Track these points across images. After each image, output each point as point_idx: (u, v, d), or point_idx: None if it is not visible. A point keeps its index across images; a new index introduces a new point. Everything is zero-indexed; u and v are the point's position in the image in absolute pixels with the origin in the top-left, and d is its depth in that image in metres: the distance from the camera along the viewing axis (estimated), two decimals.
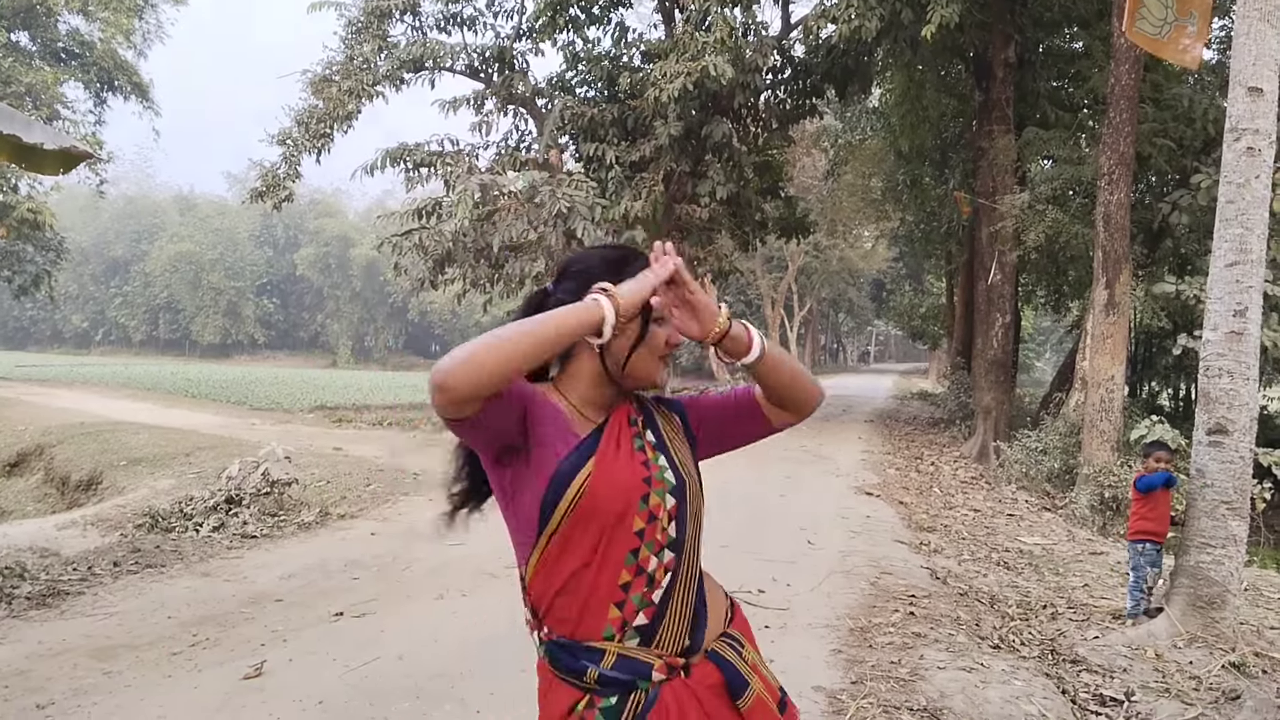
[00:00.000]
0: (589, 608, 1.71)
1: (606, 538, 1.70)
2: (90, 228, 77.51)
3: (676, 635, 1.76)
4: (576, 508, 1.68)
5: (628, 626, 1.72)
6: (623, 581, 1.71)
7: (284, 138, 18.86)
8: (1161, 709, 4.44)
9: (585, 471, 1.70)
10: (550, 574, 1.73)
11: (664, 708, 1.70)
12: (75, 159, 5.65)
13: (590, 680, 1.71)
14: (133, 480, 11.54)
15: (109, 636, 5.03)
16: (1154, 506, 6.05)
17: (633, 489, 1.73)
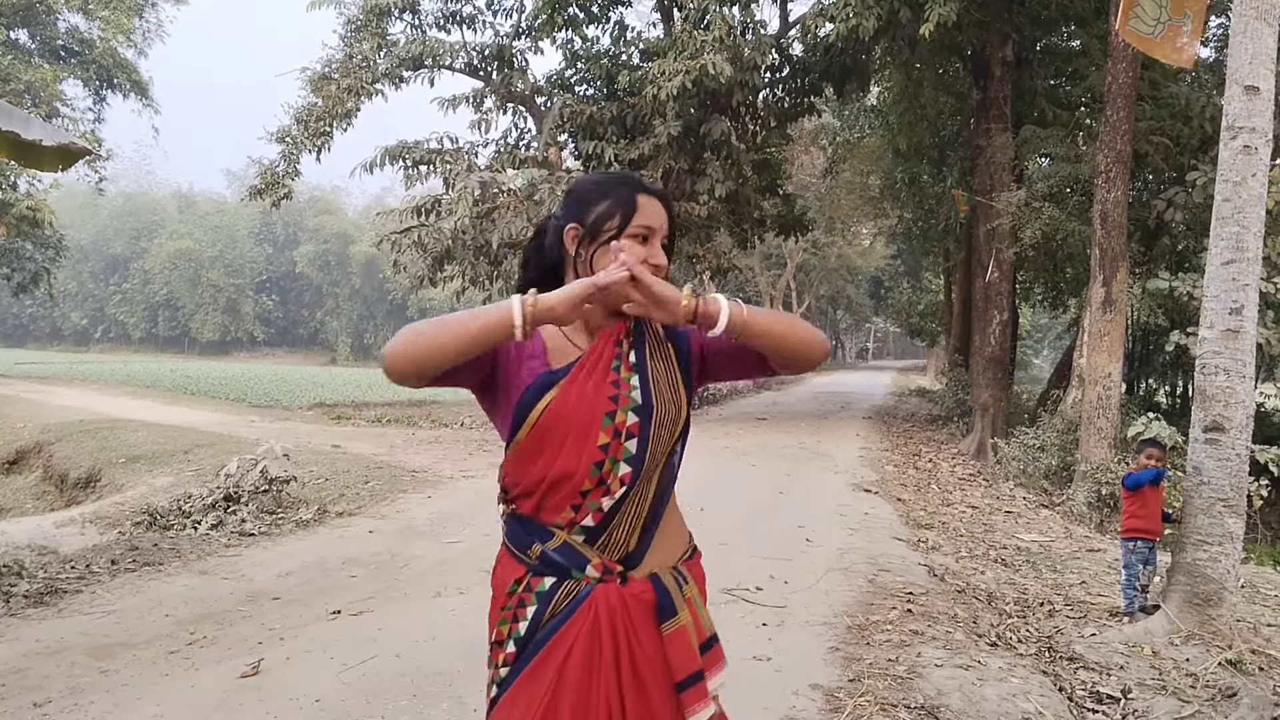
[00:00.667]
0: (549, 500, 1.86)
1: (571, 448, 1.83)
2: (89, 225, 77.49)
3: (620, 544, 1.89)
4: (537, 425, 1.83)
5: (575, 525, 1.85)
6: (584, 489, 1.84)
7: (283, 135, 18.83)
8: (1158, 706, 4.45)
9: (547, 398, 1.84)
10: (521, 469, 1.88)
11: (592, 604, 1.83)
12: (74, 156, 5.65)
13: (533, 556, 1.87)
14: (131, 478, 11.53)
15: (106, 635, 5.03)
16: (1144, 504, 6.07)
17: (596, 407, 1.85)
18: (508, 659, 1.85)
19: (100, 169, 28.95)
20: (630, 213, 1.91)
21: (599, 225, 1.91)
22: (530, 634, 1.84)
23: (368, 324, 79.98)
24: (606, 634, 1.82)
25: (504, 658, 1.86)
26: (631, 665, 1.83)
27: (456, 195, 16.69)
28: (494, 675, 1.88)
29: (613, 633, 1.82)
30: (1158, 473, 6.05)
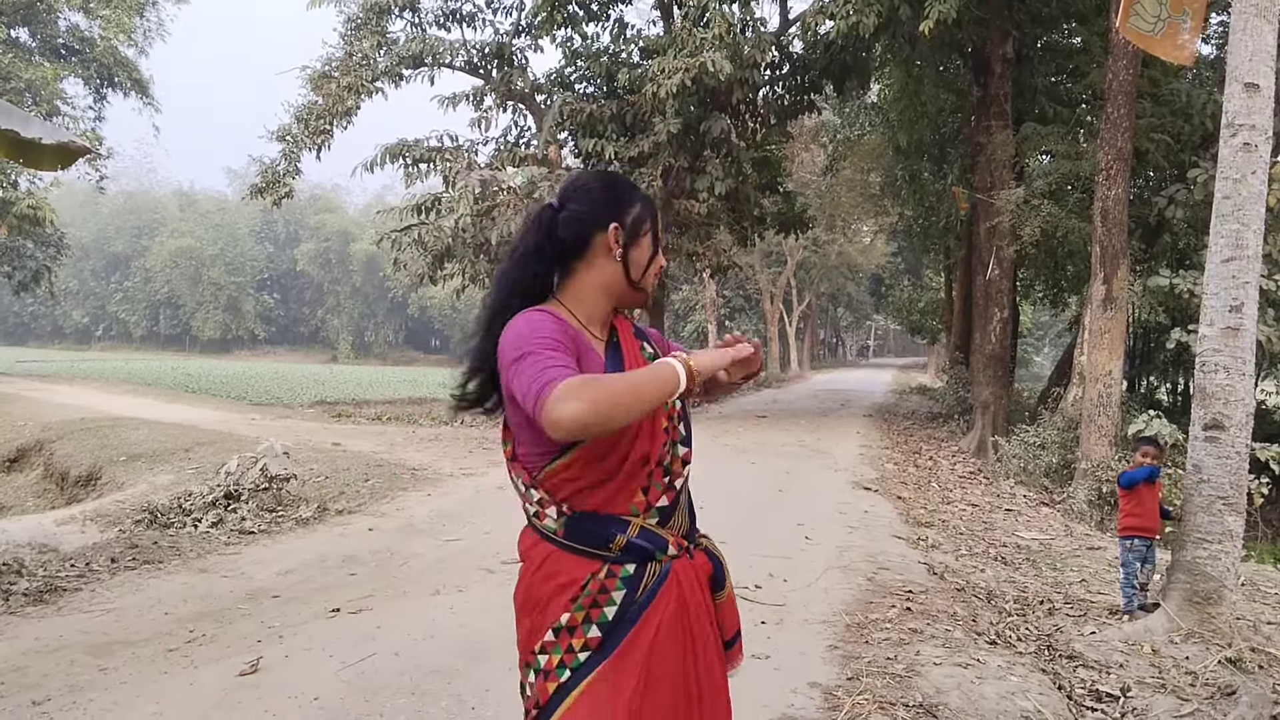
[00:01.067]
0: (621, 491, 1.93)
1: (646, 431, 1.94)
2: (90, 223, 77.57)
3: (683, 521, 2.06)
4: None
5: (650, 507, 1.97)
6: (649, 471, 1.96)
7: (284, 134, 18.85)
8: (1157, 704, 4.45)
9: None
10: (586, 468, 1.91)
11: (675, 580, 1.97)
12: (73, 154, 5.65)
13: (616, 547, 1.92)
14: (132, 476, 11.54)
15: (106, 633, 5.03)
16: (1140, 502, 6.07)
17: None
18: (589, 644, 1.89)
19: (101, 167, 28.99)
20: (656, 217, 2.10)
21: (638, 229, 2.05)
22: (620, 617, 1.90)
23: (368, 322, 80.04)
24: (688, 605, 1.98)
25: (584, 643, 1.89)
26: (703, 635, 2.01)
27: (457, 193, 16.71)
28: (561, 660, 1.89)
29: (690, 603, 1.99)
30: (1151, 471, 6.04)
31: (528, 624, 1.98)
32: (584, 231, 2.01)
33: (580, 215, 2.01)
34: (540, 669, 1.90)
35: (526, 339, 1.81)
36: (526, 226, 2.08)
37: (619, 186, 2.09)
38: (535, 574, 1.97)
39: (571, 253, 2.03)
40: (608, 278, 2.03)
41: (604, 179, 2.11)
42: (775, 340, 48.27)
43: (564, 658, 1.89)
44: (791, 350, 51.89)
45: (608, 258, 2.02)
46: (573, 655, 1.89)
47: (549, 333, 1.83)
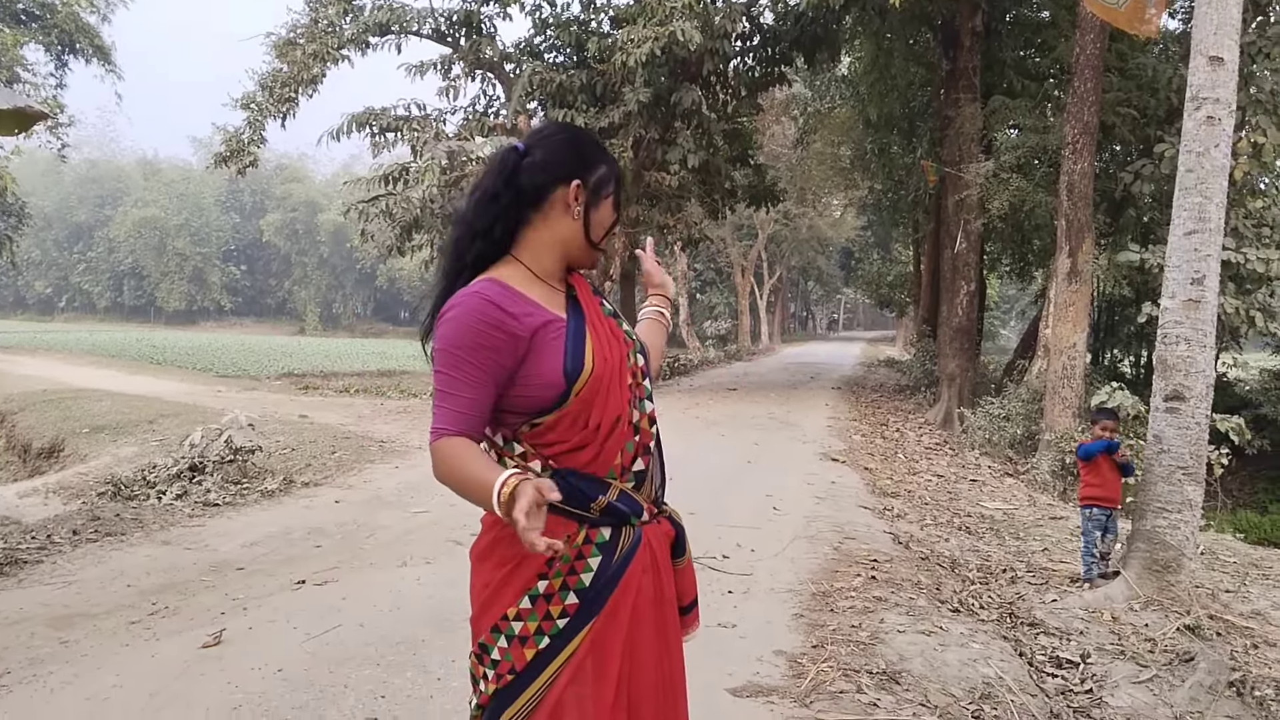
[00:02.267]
0: (605, 450, 1.92)
1: (617, 390, 1.93)
2: (52, 193, 76.41)
3: (653, 485, 2.03)
4: (594, 375, 1.89)
5: (627, 470, 1.95)
6: (622, 431, 1.94)
7: (248, 102, 18.56)
8: (1117, 670, 4.51)
9: (590, 346, 1.91)
10: (574, 425, 1.89)
11: (647, 545, 1.97)
12: (30, 119, 5.55)
13: (598, 508, 1.90)
14: (95, 448, 11.43)
15: (67, 605, 4.99)
16: (1099, 473, 6.12)
17: (620, 350, 1.98)
18: (567, 610, 1.88)
19: (62, 135, 28.46)
20: (618, 179, 2.06)
21: (601, 189, 2.02)
22: (596, 582, 1.90)
23: (336, 293, 79.48)
24: (660, 569, 2.01)
25: (561, 609, 1.88)
26: (670, 597, 2.04)
27: (424, 164, 16.58)
28: (539, 627, 1.88)
29: (662, 567, 2.01)
30: (1109, 444, 6.10)
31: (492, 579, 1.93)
32: (545, 182, 1.96)
33: (544, 164, 1.96)
34: (516, 635, 1.88)
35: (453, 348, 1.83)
36: (489, 167, 2.03)
37: (586, 143, 2.04)
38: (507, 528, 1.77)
39: (528, 202, 1.97)
40: (564, 235, 1.98)
41: (572, 132, 2.07)
42: (746, 313, 48.34)
43: (542, 624, 1.87)
44: (762, 323, 51.98)
45: (564, 214, 1.97)
46: (551, 622, 1.87)
47: (481, 339, 1.82)
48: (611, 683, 1.87)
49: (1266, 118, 10.70)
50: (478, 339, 1.82)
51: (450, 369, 1.83)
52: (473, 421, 1.85)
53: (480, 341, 1.82)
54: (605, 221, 2.04)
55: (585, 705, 1.85)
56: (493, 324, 1.82)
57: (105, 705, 3.72)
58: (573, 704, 1.85)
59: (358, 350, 40.07)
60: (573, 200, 1.96)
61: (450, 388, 1.83)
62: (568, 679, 1.85)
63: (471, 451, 1.82)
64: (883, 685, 4.13)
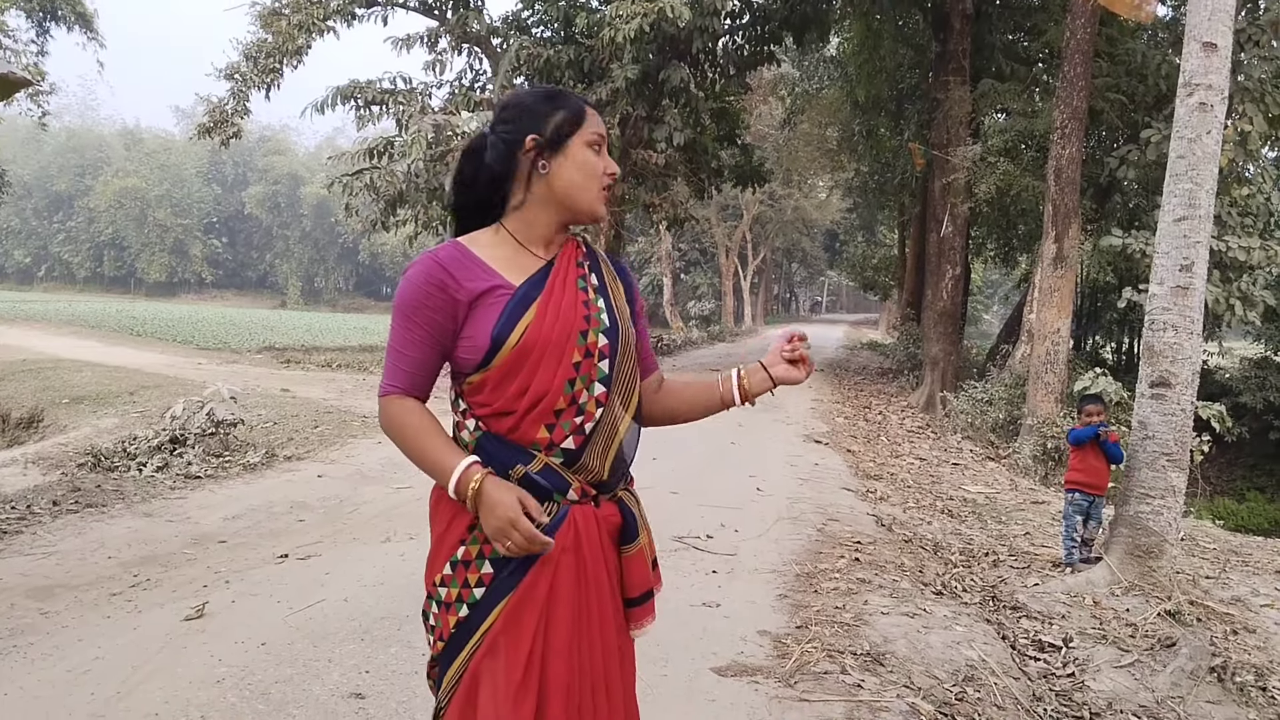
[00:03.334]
0: (525, 421, 1.88)
1: (548, 366, 1.87)
2: (32, 161, 75.61)
3: (596, 468, 1.94)
4: (517, 347, 1.85)
5: (554, 446, 1.89)
6: (557, 408, 1.88)
7: (232, 72, 18.36)
8: (1098, 655, 4.53)
9: (525, 319, 1.87)
10: (496, 391, 1.89)
11: (571, 524, 1.90)
12: (13, 86, 5.50)
13: (515, 477, 1.88)
14: (75, 419, 11.35)
15: (47, 576, 4.95)
16: (1085, 458, 6.16)
17: (573, 324, 1.91)
18: (483, 579, 1.88)
19: (43, 103, 28.08)
20: (582, 120, 1.97)
21: (560, 134, 1.95)
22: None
23: (318, 267, 79.06)
24: (585, 551, 1.91)
25: (478, 578, 1.88)
26: (597, 582, 1.94)
27: (410, 138, 16.44)
28: (458, 594, 1.89)
29: (587, 550, 1.92)
30: (1097, 430, 6.11)
31: (432, 539, 1.99)
32: (508, 150, 1.95)
33: (504, 134, 1.96)
34: (442, 600, 1.91)
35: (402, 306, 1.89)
36: (462, 156, 2.05)
37: (541, 98, 1.99)
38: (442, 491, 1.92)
39: (502, 176, 1.97)
40: (541, 194, 1.96)
41: (531, 93, 2.02)
42: (730, 294, 48.37)
43: (461, 592, 1.89)
44: (745, 304, 52.01)
45: (536, 174, 1.95)
46: (469, 590, 1.88)
47: (419, 299, 1.87)
48: (521, 662, 1.84)
49: (1254, 105, 10.72)
50: (422, 299, 1.87)
51: (399, 327, 1.90)
52: (418, 380, 1.93)
53: (424, 302, 1.86)
54: (584, 163, 1.96)
55: (497, 680, 1.84)
56: (436, 285, 1.86)
57: (86, 677, 3.69)
58: (486, 679, 1.84)
59: (339, 325, 39.89)
60: (534, 157, 1.94)
61: (400, 345, 1.90)
62: (483, 653, 1.86)
63: (426, 422, 1.91)
64: (866, 667, 4.14)
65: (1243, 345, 21.24)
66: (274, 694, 3.60)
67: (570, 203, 1.97)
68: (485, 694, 1.83)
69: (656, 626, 2.14)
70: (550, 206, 1.97)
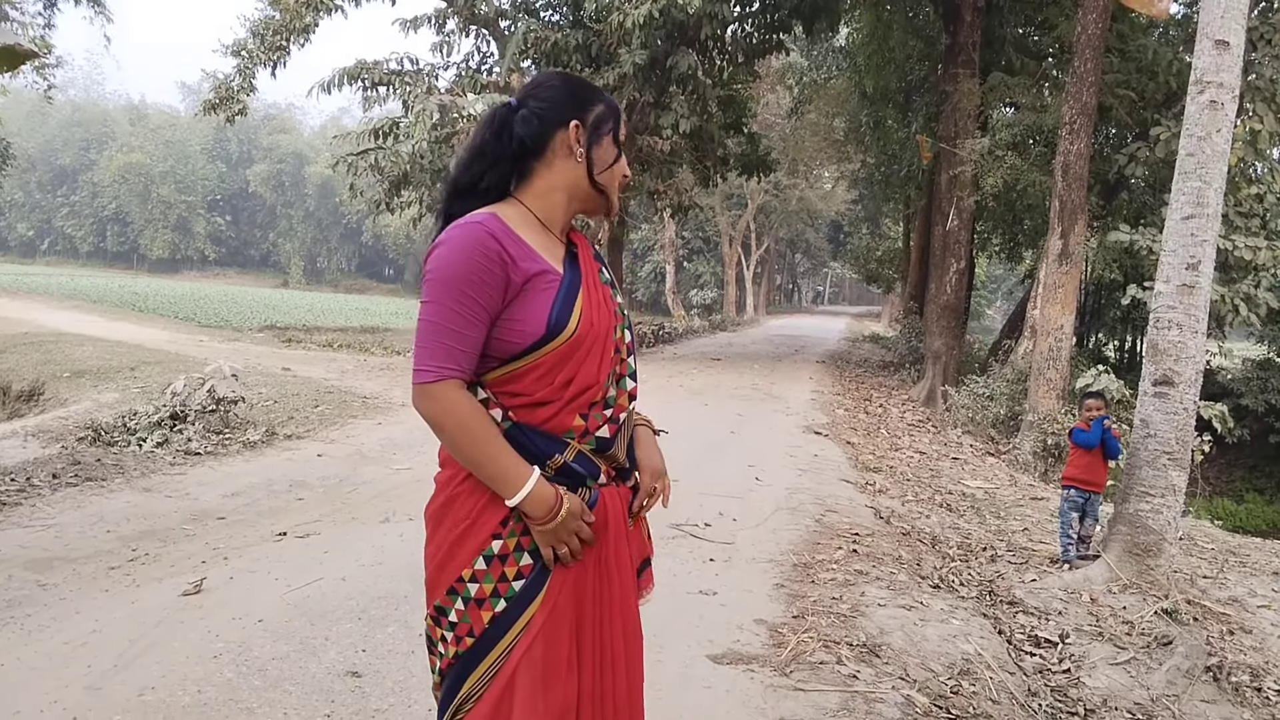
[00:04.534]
0: (562, 412, 1.87)
1: (594, 358, 1.89)
2: (37, 134, 75.63)
3: (619, 454, 1.97)
4: (575, 334, 1.84)
5: (589, 434, 1.90)
6: (594, 400, 1.90)
7: (238, 49, 18.29)
8: (1094, 652, 4.54)
9: (578, 306, 1.86)
10: (542, 379, 1.86)
11: (603, 506, 1.93)
12: (20, 57, 5.47)
13: (553, 466, 1.88)
14: (76, 392, 11.33)
15: (45, 548, 4.95)
16: (1085, 455, 6.17)
17: (610, 319, 1.94)
18: (522, 571, 1.86)
19: (49, 76, 27.98)
20: (620, 118, 2.00)
21: (600, 127, 1.96)
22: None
23: (321, 247, 79.08)
24: (613, 530, 1.95)
25: (517, 570, 1.86)
26: (620, 560, 1.98)
27: (415, 118, 16.38)
28: (495, 589, 1.85)
29: (614, 530, 1.96)
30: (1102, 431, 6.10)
31: (446, 540, 1.90)
32: (543, 129, 1.91)
33: (540, 112, 1.92)
34: (473, 597, 1.85)
35: (455, 279, 1.77)
36: (479, 125, 1.99)
37: (582, 85, 1.99)
38: (462, 484, 1.89)
39: (530, 152, 1.93)
40: (570, 179, 1.94)
41: (566, 78, 2.01)
42: (732, 283, 48.32)
43: (498, 586, 1.85)
44: (748, 294, 51.97)
45: (568, 158, 1.93)
46: (507, 584, 1.85)
47: (479, 273, 1.77)
48: (565, 643, 1.86)
49: (1265, 105, 10.68)
50: (481, 273, 1.78)
51: (451, 301, 1.77)
52: (473, 362, 1.83)
53: (481, 276, 1.77)
54: (607, 159, 1.97)
55: (536, 671, 1.83)
56: (495, 259, 1.79)
57: (83, 649, 3.70)
58: (525, 671, 1.83)
59: (341, 305, 39.93)
60: (574, 142, 1.92)
61: (450, 322, 1.78)
62: (524, 647, 1.83)
63: (489, 422, 1.84)
64: (862, 658, 4.14)
65: (1245, 346, 21.21)
66: (270, 671, 3.60)
67: (593, 193, 1.97)
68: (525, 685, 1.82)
69: (654, 613, 2.17)
70: (574, 194, 1.97)
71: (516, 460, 1.82)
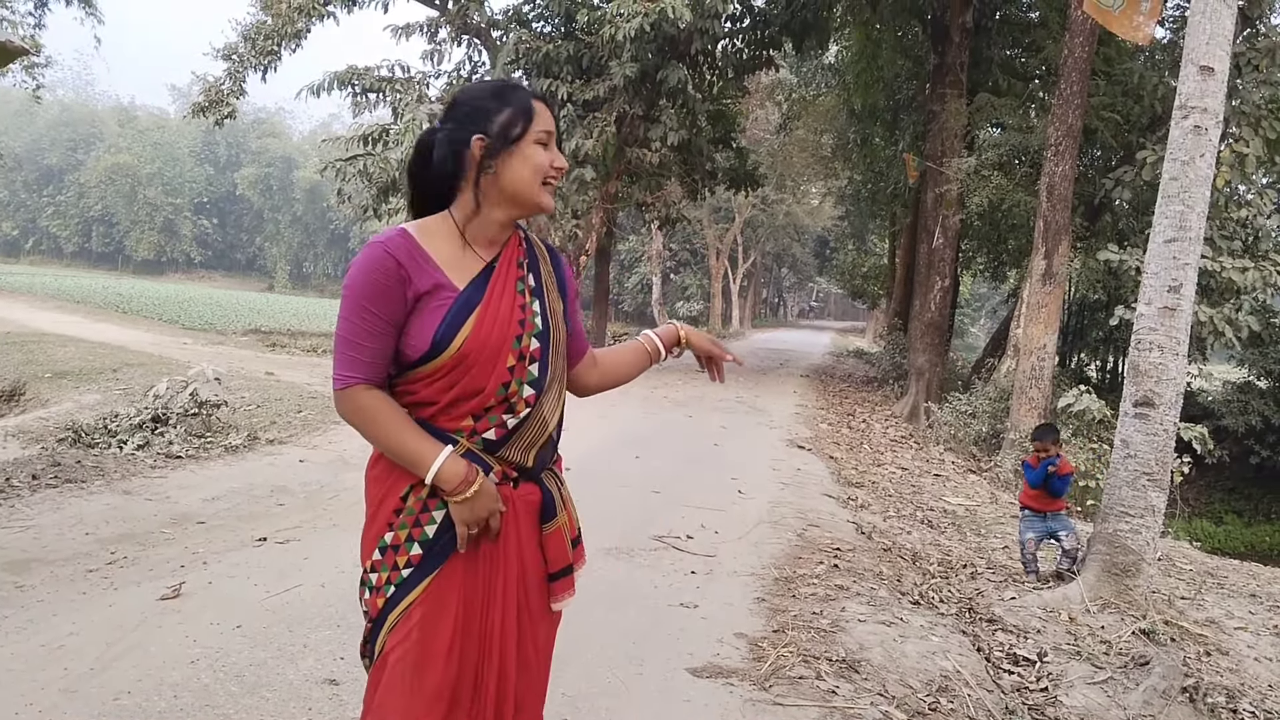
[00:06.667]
0: (451, 411, 1.96)
1: (482, 369, 1.94)
2: (24, 133, 75.31)
3: (519, 456, 2.03)
4: (459, 352, 1.91)
5: (477, 435, 1.98)
6: (487, 405, 1.97)
7: (229, 52, 18.30)
8: (1072, 670, 4.55)
9: (467, 327, 1.93)
10: (427, 386, 1.96)
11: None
12: (10, 54, 5.47)
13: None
14: (57, 393, 11.28)
15: (23, 550, 4.92)
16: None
17: (508, 330, 1.98)
18: (411, 560, 1.96)
19: (38, 75, 27.90)
20: (531, 117, 2.00)
21: (507, 133, 1.97)
22: (438, 536, 1.96)
23: (308, 252, 78.89)
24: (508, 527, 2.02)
25: (406, 560, 1.95)
26: (518, 558, 2.04)
27: (405, 125, 16.41)
28: (388, 577, 1.97)
29: (507, 529, 2.02)
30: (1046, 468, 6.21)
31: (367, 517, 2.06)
32: (453, 150, 1.98)
33: (449, 135, 1.98)
34: (373, 586, 1.98)
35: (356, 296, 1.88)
36: (413, 152, 2.09)
37: (488, 94, 2.02)
38: (373, 468, 2.06)
39: (451, 174, 2.00)
40: (488, 194, 1.99)
41: (479, 89, 2.05)
42: (718, 296, 48.39)
43: (390, 575, 1.96)
44: (733, 307, 52.04)
45: (484, 174, 1.98)
46: (397, 572, 1.96)
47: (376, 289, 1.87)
48: (447, 631, 1.94)
49: (1251, 129, 10.77)
50: (380, 290, 1.88)
51: (354, 316, 1.89)
52: (378, 369, 1.94)
53: (380, 293, 1.88)
54: (534, 160, 2.00)
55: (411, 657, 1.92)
56: (393, 276, 1.88)
57: (60, 652, 3.67)
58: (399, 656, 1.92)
59: (326, 310, 39.75)
60: (479, 156, 1.97)
61: (355, 335, 1.90)
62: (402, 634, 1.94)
63: (399, 412, 1.95)
64: (841, 673, 4.15)
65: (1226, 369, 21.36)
66: (248, 676, 3.59)
67: (516, 200, 2.01)
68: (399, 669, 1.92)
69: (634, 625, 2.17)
70: (497, 204, 2.01)
71: (426, 441, 1.93)
